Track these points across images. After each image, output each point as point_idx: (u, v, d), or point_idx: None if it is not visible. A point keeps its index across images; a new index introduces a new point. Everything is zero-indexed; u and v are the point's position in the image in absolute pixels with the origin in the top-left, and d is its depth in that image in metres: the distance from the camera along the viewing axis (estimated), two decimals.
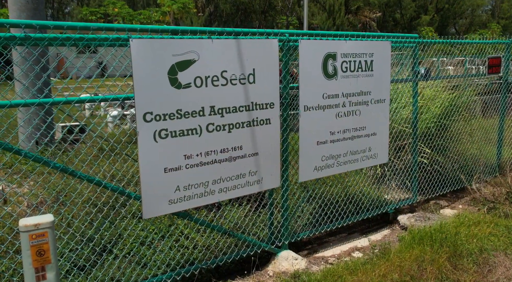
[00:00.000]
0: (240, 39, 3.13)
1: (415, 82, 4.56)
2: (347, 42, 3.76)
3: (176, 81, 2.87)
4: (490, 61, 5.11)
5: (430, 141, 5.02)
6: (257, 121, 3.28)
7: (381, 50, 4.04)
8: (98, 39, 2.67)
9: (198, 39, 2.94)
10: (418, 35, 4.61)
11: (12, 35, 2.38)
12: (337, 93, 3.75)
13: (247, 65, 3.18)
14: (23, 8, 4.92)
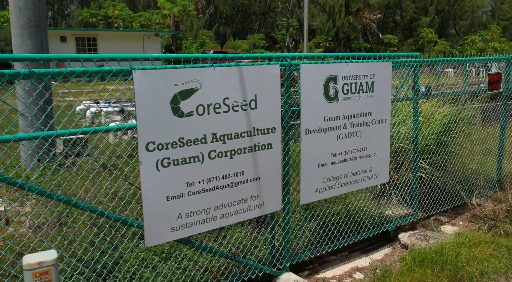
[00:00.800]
0: (242, 66, 3.14)
1: (416, 101, 4.57)
2: (348, 64, 3.78)
3: (179, 110, 2.88)
4: (490, 78, 5.12)
5: (430, 157, 5.04)
6: (258, 146, 3.30)
7: (382, 71, 4.05)
8: (101, 72, 2.68)
9: (200, 68, 2.96)
10: (418, 54, 4.62)
11: (16, 72, 2.40)
12: (338, 116, 3.76)
13: (249, 92, 3.19)
14: (23, 9, 4.91)
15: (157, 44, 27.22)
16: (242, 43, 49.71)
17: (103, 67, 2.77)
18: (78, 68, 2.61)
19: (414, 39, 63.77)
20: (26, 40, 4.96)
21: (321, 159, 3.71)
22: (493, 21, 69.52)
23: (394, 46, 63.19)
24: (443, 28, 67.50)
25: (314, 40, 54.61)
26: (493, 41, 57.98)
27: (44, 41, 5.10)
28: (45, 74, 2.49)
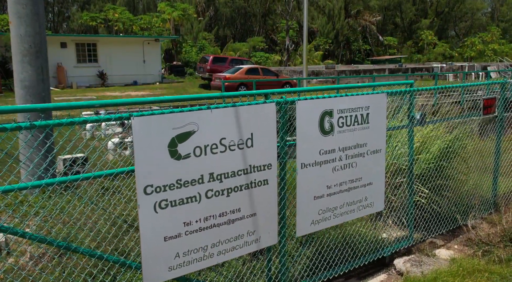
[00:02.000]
0: (239, 107, 3.21)
1: (411, 128, 4.63)
2: (344, 98, 3.84)
3: (176, 153, 2.95)
4: (485, 102, 5.18)
5: (427, 180, 5.10)
6: (255, 183, 3.36)
7: (377, 102, 4.12)
8: (101, 120, 2.74)
9: (197, 111, 3.02)
10: (413, 82, 4.68)
11: (18, 126, 2.46)
12: (333, 148, 3.83)
13: (245, 131, 3.26)
14: (22, 14, 4.94)
15: (157, 49, 27.29)
16: (242, 46, 49.75)
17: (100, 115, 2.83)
18: (78, 118, 2.67)
19: (413, 41, 63.85)
20: (26, 66, 5.03)
21: (317, 192, 3.78)
22: (492, 22, 69.57)
23: (393, 48, 63.27)
24: (442, 30, 67.57)
25: (314, 42, 54.68)
26: (493, 43, 58.02)
27: (44, 67, 5.16)
28: (46, 126, 2.54)
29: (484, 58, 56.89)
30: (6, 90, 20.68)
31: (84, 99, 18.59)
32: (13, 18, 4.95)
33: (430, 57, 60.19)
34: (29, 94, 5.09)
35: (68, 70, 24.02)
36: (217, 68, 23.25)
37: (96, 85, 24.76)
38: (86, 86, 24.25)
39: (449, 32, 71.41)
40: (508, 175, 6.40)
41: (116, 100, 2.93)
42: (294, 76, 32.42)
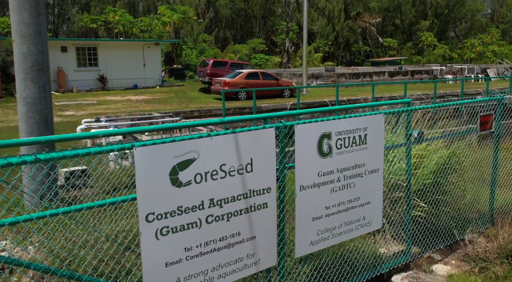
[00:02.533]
0: (238, 133, 3.27)
1: (408, 147, 4.69)
2: (342, 120, 3.90)
3: (177, 181, 3.01)
4: (482, 119, 5.24)
5: (424, 196, 5.16)
6: (254, 207, 3.42)
7: (375, 123, 4.18)
8: (105, 151, 2.80)
9: (198, 139, 3.08)
10: (411, 100, 4.75)
11: (23, 160, 2.52)
12: (332, 170, 3.89)
13: (244, 156, 3.32)
14: (25, 33, 5.00)
15: (157, 52, 27.36)
16: (242, 48, 49.84)
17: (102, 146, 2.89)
18: (82, 150, 2.73)
19: (413, 43, 63.94)
20: (29, 84, 5.10)
21: (316, 213, 3.84)
22: (492, 24, 69.65)
23: (393, 50, 63.35)
24: (442, 31, 67.66)
25: (314, 44, 54.78)
26: (493, 44, 58.08)
27: (47, 84, 5.23)
28: (50, 159, 2.60)
29: (483, 59, 56.96)
30: (7, 95, 20.74)
31: (85, 104, 18.67)
32: (16, 37, 5.01)
33: (430, 58, 60.29)
34: (32, 111, 5.15)
35: (69, 74, 24.10)
36: (217, 72, 23.32)
37: (96, 89, 24.83)
38: (86, 90, 24.32)
39: (449, 33, 71.48)
40: (505, 186, 6.46)
41: (120, 129, 2.99)
42: (294, 79, 32.50)
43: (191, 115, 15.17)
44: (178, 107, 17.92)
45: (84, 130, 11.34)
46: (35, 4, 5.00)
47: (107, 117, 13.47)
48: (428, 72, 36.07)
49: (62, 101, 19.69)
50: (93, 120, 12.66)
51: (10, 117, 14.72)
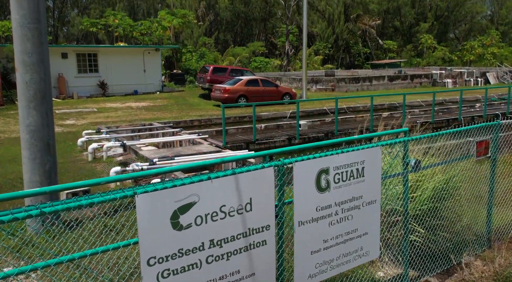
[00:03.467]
0: (238, 174, 3.34)
1: (405, 175, 4.76)
2: (339, 155, 3.98)
3: (178, 225, 3.08)
4: (478, 145, 5.32)
5: (421, 221, 5.23)
6: (253, 244, 3.49)
7: (372, 155, 4.25)
8: (108, 200, 2.87)
9: (198, 182, 3.16)
10: (407, 129, 4.82)
11: (29, 214, 2.59)
12: (330, 204, 3.96)
13: (244, 196, 3.39)
14: (28, 62, 5.07)
15: (157, 58, 27.44)
16: (242, 51, 49.96)
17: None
18: (85, 201, 2.80)
19: (413, 45, 64.03)
20: (32, 112, 5.17)
21: (314, 247, 3.91)
22: (492, 25, 69.71)
23: (393, 52, 63.44)
24: (442, 33, 67.73)
25: (314, 47, 54.86)
26: (492, 46, 58.13)
27: (49, 112, 5.30)
28: (54, 212, 2.68)
29: (483, 61, 57.01)
30: (8, 102, 20.80)
31: (85, 111, 18.74)
32: (19, 66, 5.09)
33: (430, 61, 60.38)
34: (34, 139, 5.22)
35: (69, 80, 24.18)
36: (217, 79, 23.39)
37: (97, 95, 24.91)
38: (87, 96, 24.40)
39: (449, 35, 71.54)
40: (502, 204, 6.54)
41: (122, 175, 3.06)
42: (293, 84, 32.57)
43: (191, 125, 15.24)
44: (179, 115, 17.99)
45: (85, 143, 11.41)
46: (38, 34, 5.08)
47: (108, 128, 13.54)
48: (427, 76, 36.13)
49: (63, 108, 19.75)
50: (93, 132, 12.72)
51: (11, 127, 14.78)
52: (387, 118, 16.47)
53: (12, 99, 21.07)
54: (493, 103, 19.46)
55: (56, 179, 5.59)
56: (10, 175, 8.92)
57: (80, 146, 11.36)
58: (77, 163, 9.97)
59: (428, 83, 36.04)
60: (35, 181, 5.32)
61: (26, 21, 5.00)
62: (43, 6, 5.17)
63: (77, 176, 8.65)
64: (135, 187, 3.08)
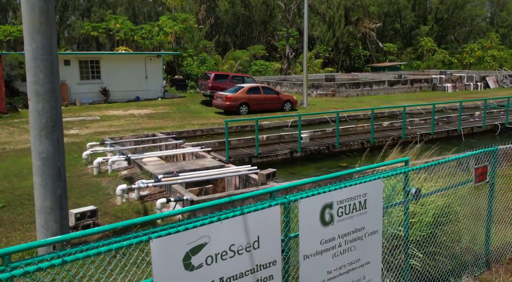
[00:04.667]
0: (247, 214, 3.50)
1: (406, 204, 4.92)
2: (343, 189, 4.13)
3: (190, 265, 3.24)
4: (476, 171, 5.47)
5: (421, 247, 5.39)
6: (260, 280, 3.65)
7: (374, 188, 4.41)
8: (124, 246, 3.02)
9: (209, 224, 3.31)
10: (408, 159, 4.98)
11: (38, 267, 2.71)
12: (333, 237, 4.12)
13: (252, 234, 3.55)
14: (40, 92, 5.22)
15: (158, 64, 27.62)
16: (242, 54, 50.10)
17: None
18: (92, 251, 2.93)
19: (413, 48, 64.19)
20: (44, 140, 5.33)
21: (318, 278, 4.06)
22: (492, 28, 69.85)
23: (393, 55, 63.59)
24: (442, 36, 67.89)
25: (314, 50, 55.03)
26: (492, 49, 58.27)
27: (60, 139, 5.46)
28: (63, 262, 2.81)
29: (483, 64, 57.12)
30: (11, 109, 20.95)
31: (88, 120, 18.90)
32: (31, 96, 5.24)
33: (430, 64, 60.53)
34: (46, 166, 5.38)
35: (72, 87, 24.36)
36: (219, 86, 23.56)
37: (99, 101, 25.09)
38: (89, 103, 24.57)
39: (449, 37, 71.70)
40: (501, 222, 6.68)
41: (137, 219, 3.21)
42: (294, 89, 32.75)
43: (193, 135, 15.39)
44: (181, 123, 18.15)
45: (89, 156, 11.56)
46: (50, 65, 5.24)
47: (112, 139, 13.69)
48: (427, 81, 36.29)
49: (66, 116, 19.89)
50: (97, 144, 12.88)
51: (16, 138, 14.93)
52: (388, 129, 16.64)
53: (15, 107, 21.23)
54: (493, 111, 19.61)
55: (66, 204, 5.75)
56: (18, 190, 9.06)
57: (85, 159, 11.52)
58: (83, 177, 10.12)
59: (428, 88, 36.19)
60: (46, 207, 5.47)
61: (39, 53, 5.15)
62: (55, 38, 5.34)
63: (84, 193, 8.81)
64: (149, 230, 3.24)
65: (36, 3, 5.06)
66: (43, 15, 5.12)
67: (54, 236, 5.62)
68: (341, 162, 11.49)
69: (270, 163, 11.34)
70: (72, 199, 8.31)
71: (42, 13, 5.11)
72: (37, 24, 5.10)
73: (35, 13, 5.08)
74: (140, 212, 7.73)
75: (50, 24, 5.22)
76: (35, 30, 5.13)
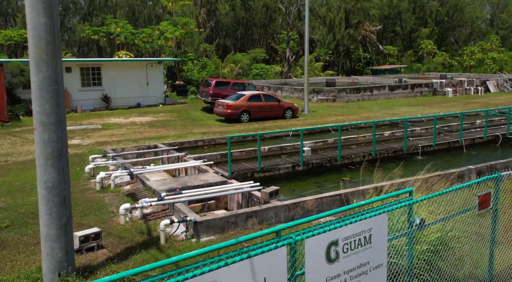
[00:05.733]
0: (254, 257, 3.53)
1: (411, 234, 4.95)
2: (348, 226, 4.16)
3: None
4: (480, 199, 5.49)
5: (423, 274, 5.42)
6: None
7: (379, 222, 4.44)
8: None
9: (216, 270, 3.34)
10: (412, 189, 5.01)
11: None
12: (339, 273, 4.15)
13: (259, 277, 3.58)
14: (46, 123, 5.27)
15: (159, 70, 27.66)
16: (242, 57, 50.15)
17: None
18: None
19: (413, 50, 64.22)
20: (49, 169, 5.36)
21: None
22: (492, 29, 69.88)
23: (393, 57, 63.63)
24: (442, 38, 67.93)
25: (315, 53, 55.06)
26: (492, 51, 58.30)
27: (65, 168, 5.50)
28: None
29: (483, 66, 57.16)
30: (13, 117, 20.98)
31: (90, 129, 18.93)
32: (37, 126, 5.28)
33: (430, 66, 60.57)
34: (51, 195, 5.42)
35: (73, 94, 24.40)
36: (220, 93, 23.61)
37: (100, 108, 25.13)
38: (90, 110, 24.61)
39: (449, 40, 71.76)
40: (504, 244, 6.70)
41: (147, 266, 3.23)
42: (295, 94, 32.79)
43: (195, 145, 15.41)
44: (182, 132, 18.18)
45: (92, 170, 11.59)
46: (56, 95, 5.28)
47: (113, 150, 13.72)
48: (428, 86, 36.33)
49: (67, 125, 19.86)
50: (100, 156, 12.91)
51: (18, 148, 14.97)
52: (389, 139, 16.67)
53: (17, 115, 21.27)
54: (494, 119, 19.64)
55: (71, 230, 5.78)
56: (21, 207, 9.09)
57: (87, 173, 11.55)
58: (86, 192, 10.15)
59: (429, 92, 36.23)
60: (52, 235, 5.51)
61: (45, 84, 5.20)
62: (61, 68, 5.38)
63: (87, 211, 8.84)
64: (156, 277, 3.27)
65: (42, 36, 5.10)
66: (49, 47, 5.17)
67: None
68: (343, 176, 11.51)
69: (273, 177, 11.37)
70: (75, 217, 8.33)
71: (48, 45, 5.15)
72: (43, 56, 5.15)
73: (42, 44, 5.13)
74: (144, 232, 7.76)
75: (56, 54, 5.27)
76: (42, 61, 5.17)
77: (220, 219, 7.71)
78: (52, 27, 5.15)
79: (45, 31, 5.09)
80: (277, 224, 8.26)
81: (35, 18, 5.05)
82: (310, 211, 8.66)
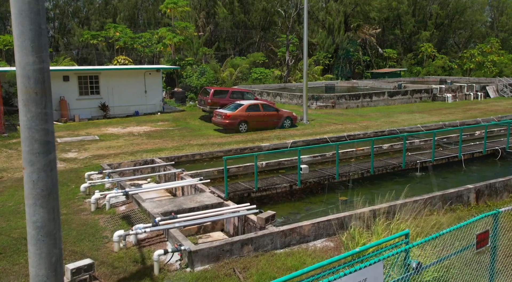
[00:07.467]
0: None
1: (407, 279, 4.85)
2: (342, 278, 4.06)
3: None
4: (478, 237, 5.39)
5: None
6: None
7: (374, 271, 4.34)
8: None
9: None
10: (409, 232, 4.90)
11: None
12: None
13: None
14: (34, 162, 5.16)
15: (158, 78, 27.55)
16: (242, 61, 50.04)
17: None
18: None
19: (413, 53, 64.10)
20: (38, 209, 5.25)
21: None
22: (492, 32, 69.79)
23: (393, 60, 63.53)
24: (442, 41, 67.81)
25: (314, 57, 54.94)
26: (492, 54, 58.24)
27: (56, 207, 5.38)
28: None
29: (483, 69, 57.14)
30: (9, 128, 20.87)
31: (87, 140, 18.82)
32: (26, 165, 5.16)
33: (430, 69, 60.52)
34: (40, 235, 5.30)
35: (71, 103, 24.28)
36: (218, 101, 23.51)
37: (98, 117, 25.01)
38: (88, 119, 24.49)
39: (449, 42, 71.73)
40: (503, 272, 6.59)
41: None
42: (294, 100, 32.69)
43: (192, 159, 15.30)
44: (180, 144, 18.09)
45: (87, 189, 11.50)
46: (45, 134, 5.16)
47: (110, 166, 13.63)
48: (427, 91, 36.27)
49: (64, 136, 19.83)
50: (96, 173, 12.82)
51: (14, 163, 14.85)
52: (388, 152, 16.57)
53: (14, 125, 21.17)
54: (493, 130, 19.54)
55: (61, 270, 5.66)
56: (14, 232, 8.99)
57: (83, 192, 11.45)
58: (80, 214, 10.05)
59: (428, 98, 36.15)
60: (41, 275, 5.39)
61: (34, 123, 5.07)
62: (51, 107, 5.26)
63: (81, 236, 8.73)
64: None
65: (31, 75, 4.99)
66: (38, 86, 5.05)
67: None
68: (341, 196, 11.41)
69: (270, 197, 11.27)
70: (68, 244, 8.24)
71: (37, 83, 5.04)
72: (33, 95, 5.03)
73: (31, 84, 5.01)
74: (138, 260, 7.66)
75: (46, 92, 5.15)
76: (31, 100, 5.05)
77: (215, 247, 7.60)
78: (41, 66, 5.03)
79: (34, 70, 4.97)
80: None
81: (23, 57, 4.93)
82: (307, 236, 8.56)
